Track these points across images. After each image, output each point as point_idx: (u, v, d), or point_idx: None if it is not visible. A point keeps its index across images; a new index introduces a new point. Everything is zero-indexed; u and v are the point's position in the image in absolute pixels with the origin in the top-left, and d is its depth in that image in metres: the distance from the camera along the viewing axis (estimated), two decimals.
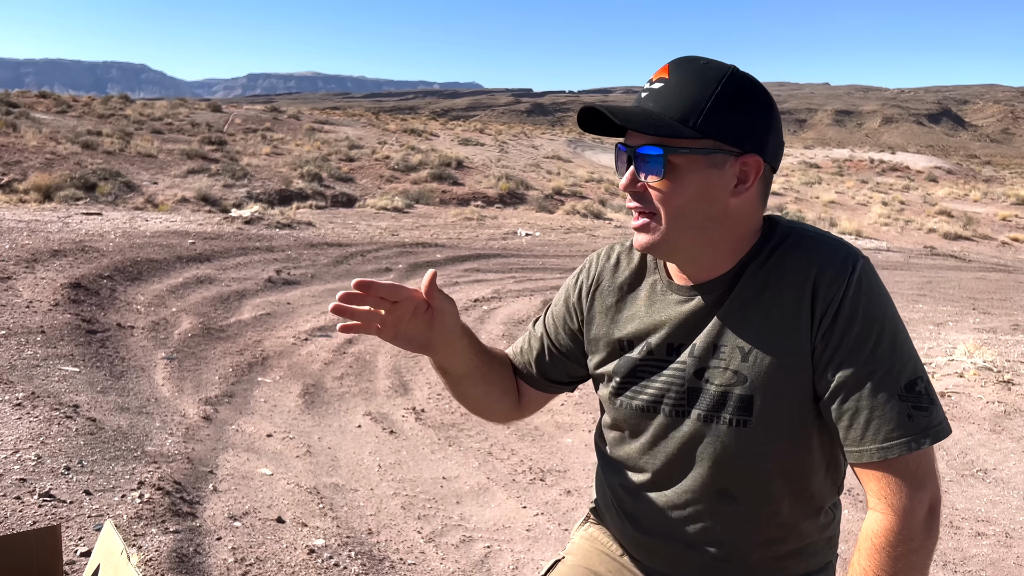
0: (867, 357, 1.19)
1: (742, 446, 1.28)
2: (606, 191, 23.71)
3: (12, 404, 4.20)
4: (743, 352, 1.26)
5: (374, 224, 13.51)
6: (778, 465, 1.29)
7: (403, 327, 1.31)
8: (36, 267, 7.27)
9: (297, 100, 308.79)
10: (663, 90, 1.22)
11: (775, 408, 1.25)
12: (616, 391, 1.40)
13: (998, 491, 4.41)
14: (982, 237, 21.21)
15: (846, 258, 1.23)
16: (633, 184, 1.25)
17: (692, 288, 1.32)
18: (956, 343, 7.33)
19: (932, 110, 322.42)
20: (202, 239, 9.78)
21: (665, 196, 1.23)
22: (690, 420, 1.31)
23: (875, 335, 1.19)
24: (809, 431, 1.28)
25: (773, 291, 1.26)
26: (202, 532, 3.27)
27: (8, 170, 16.36)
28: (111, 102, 34.13)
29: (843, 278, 1.21)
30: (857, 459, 1.20)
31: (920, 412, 1.17)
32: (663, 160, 1.21)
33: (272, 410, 4.97)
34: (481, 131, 46.14)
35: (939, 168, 47.51)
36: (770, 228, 1.32)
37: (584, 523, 1.63)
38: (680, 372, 1.32)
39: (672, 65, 1.24)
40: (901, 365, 1.19)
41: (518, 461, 4.49)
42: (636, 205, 1.26)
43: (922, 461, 1.18)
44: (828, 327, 1.21)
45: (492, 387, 1.52)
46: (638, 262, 1.43)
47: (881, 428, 1.17)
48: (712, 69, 1.22)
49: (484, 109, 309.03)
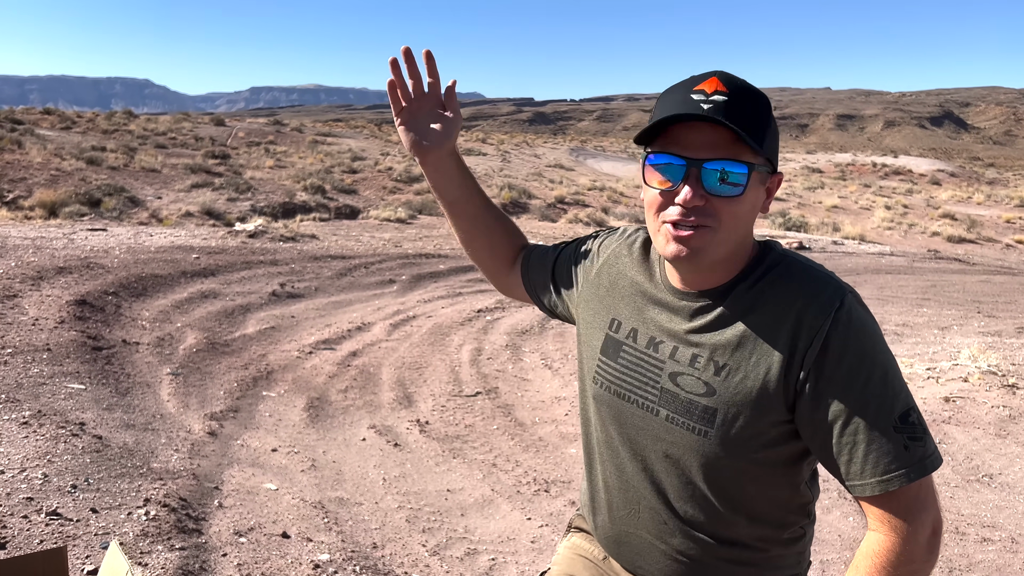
0: (859, 391, 1.20)
1: (700, 454, 1.31)
2: (608, 199, 23.75)
3: (19, 423, 4.22)
4: (716, 366, 1.29)
5: (377, 236, 13.54)
6: (734, 480, 1.33)
7: (418, 112, 1.55)
8: (42, 284, 7.31)
9: (300, 113, 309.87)
10: (730, 105, 1.18)
11: (735, 424, 1.27)
12: (598, 370, 1.45)
13: (1004, 496, 4.40)
14: (986, 240, 21.18)
15: (833, 293, 1.24)
16: (696, 199, 1.21)
17: (684, 292, 1.35)
18: (961, 347, 7.31)
19: (934, 113, 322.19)
20: (206, 253, 9.82)
21: (732, 212, 1.22)
22: (658, 418, 1.35)
23: (866, 369, 1.21)
24: (771, 456, 1.30)
25: (758, 315, 1.27)
26: (208, 549, 3.28)
27: (13, 187, 16.45)
28: (115, 117, 34.32)
29: (828, 313, 1.22)
30: (860, 492, 1.21)
31: (915, 443, 1.19)
32: (747, 176, 1.21)
33: (277, 424, 4.98)
34: (483, 141, 46.23)
35: (942, 171, 47.46)
36: (763, 251, 1.34)
37: (567, 534, 1.69)
38: (657, 371, 1.35)
39: (722, 80, 1.21)
40: (893, 397, 1.20)
41: (522, 472, 4.49)
42: (690, 220, 1.22)
43: (922, 488, 1.20)
44: (815, 362, 1.22)
45: (478, 232, 1.74)
46: (648, 251, 1.46)
47: (880, 461, 1.19)
48: (756, 90, 1.23)
49: (486, 119, 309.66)
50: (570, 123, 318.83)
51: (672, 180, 1.22)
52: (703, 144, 1.20)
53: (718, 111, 1.17)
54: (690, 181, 1.20)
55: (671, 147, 1.22)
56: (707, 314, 1.31)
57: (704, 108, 1.17)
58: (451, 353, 6.75)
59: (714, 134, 1.19)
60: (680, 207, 1.21)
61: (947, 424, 5.33)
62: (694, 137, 1.20)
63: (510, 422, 5.28)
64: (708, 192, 1.20)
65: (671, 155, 1.22)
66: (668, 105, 1.23)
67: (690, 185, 1.20)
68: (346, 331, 7.16)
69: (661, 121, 1.21)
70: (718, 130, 1.19)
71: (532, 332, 7.62)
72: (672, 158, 1.22)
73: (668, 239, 1.24)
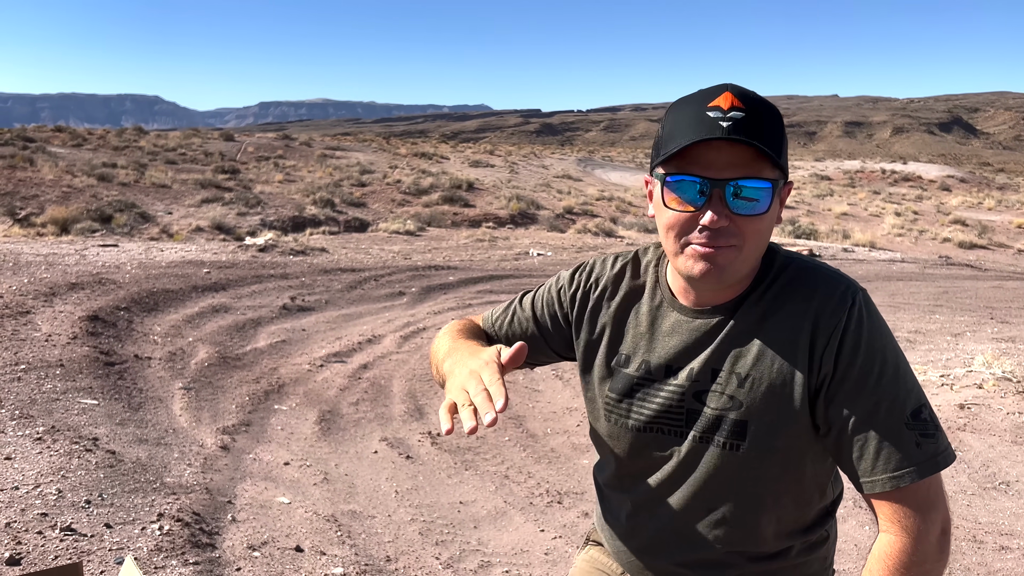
0: (872, 388, 1.20)
1: (734, 469, 1.29)
2: (617, 209, 23.76)
3: (33, 438, 4.24)
4: (740, 378, 1.27)
5: (387, 248, 13.58)
6: (769, 490, 1.32)
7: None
8: (54, 300, 7.36)
9: (308, 127, 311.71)
10: (749, 121, 1.16)
11: (768, 434, 1.27)
12: (610, 407, 1.40)
13: (1022, 504, 4.35)
14: (998, 245, 21.07)
15: (846, 290, 1.25)
16: (722, 220, 1.18)
17: (696, 311, 1.33)
18: (974, 353, 7.26)
19: (943, 119, 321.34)
20: (217, 268, 9.86)
21: (757, 229, 1.21)
22: (687, 441, 1.33)
23: (878, 366, 1.21)
24: (801, 458, 1.30)
25: (773, 320, 1.27)
26: (222, 563, 3.28)
27: (26, 204, 16.60)
28: (125, 134, 34.62)
29: (844, 310, 1.23)
30: (870, 489, 1.21)
31: (927, 439, 1.19)
32: (771, 193, 1.20)
33: (289, 438, 4.99)
34: (491, 152, 46.36)
35: (952, 177, 47.29)
36: (770, 257, 1.33)
37: (585, 546, 1.66)
38: (679, 393, 1.32)
39: (736, 94, 1.19)
40: (906, 394, 1.20)
41: (535, 484, 4.48)
42: (716, 241, 1.20)
43: (932, 486, 1.20)
44: (831, 360, 1.22)
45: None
46: (641, 276, 1.42)
47: (891, 458, 1.18)
48: (768, 102, 1.22)
49: (493, 131, 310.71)
50: (577, 133, 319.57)
51: (694, 202, 1.19)
52: (724, 163, 1.17)
53: (739, 129, 1.15)
54: (714, 202, 1.17)
55: (691, 168, 1.18)
56: (723, 329, 1.30)
57: (724, 126, 1.15)
58: None
59: (734, 152, 1.17)
60: (705, 228, 1.19)
61: (962, 431, 5.29)
62: (714, 156, 1.17)
63: (522, 433, 5.27)
64: (732, 212, 1.18)
65: (692, 176, 1.18)
66: (682, 124, 1.19)
67: (714, 206, 1.17)
68: (357, 344, 7.17)
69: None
70: (738, 148, 1.16)
71: None
72: (694, 179, 1.18)
73: (695, 259, 1.21)
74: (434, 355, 1.51)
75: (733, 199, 1.17)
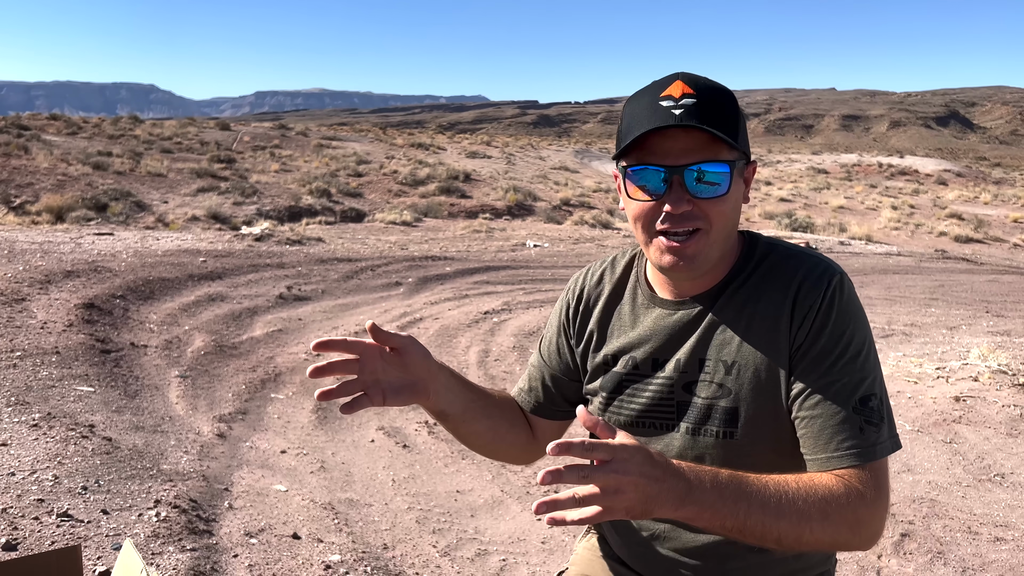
0: (827, 368, 1.22)
1: (729, 457, 1.29)
2: (613, 201, 23.73)
3: (29, 425, 4.23)
4: (726, 365, 1.29)
5: (383, 238, 13.56)
6: (764, 475, 1.31)
7: (382, 377, 1.28)
8: (50, 288, 7.33)
9: (304, 117, 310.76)
10: (700, 106, 1.19)
11: (759, 419, 1.28)
12: (603, 406, 1.42)
13: (1016, 495, 4.37)
14: (994, 239, 21.11)
15: (824, 271, 1.27)
16: (684, 204, 1.21)
17: (676, 302, 1.35)
18: (970, 347, 7.28)
19: (940, 113, 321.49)
20: (213, 257, 9.84)
21: (721, 211, 1.23)
22: (678, 434, 1.34)
23: (840, 347, 1.23)
24: (792, 439, 1.30)
25: (755, 305, 1.29)
26: (219, 550, 3.28)
27: (21, 192, 16.53)
28: (121, 123, 34.47)
29: (820, 289, 1.25)
30: (812, 468, 1.22)
31: (870, 427, 1.20)
32: (730, 176, 1.22)
33: (286, 426, 4.99)
34: (488, 144, 46.29)
35: (948, 171, 47.35)
36: (751, 244, 1.35)
37: (586, 534, 1.66)
38: (668, 386, 1.34)
39: (687, 82, 1.22)
40: (860, 380, 1.22)
41: (531, 473, 4.49)
42: (682, 226, 1.23)
43: (873, 472, 1.20)
44: (803, 336, 1.24)
45: (496, 421, 1.48)
46: (620, 276, 1.45)
47: (833, 438, 1.20)
48: (720, 85, 1.25)
49: (490, 122, 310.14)
50: (574, 125, 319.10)
51: (656, 190, 1.22)
52: (681, 150, 1.20)
53: (691, 115, 1.18)
54: (674, 188, 1.21)
55: (649, 157, 1.22)
56: (706, 317, 1.31)
57: (676, 114, 1.18)
58: (458, 355, 6.74)
59: (689, 138, 1.20)
60: (669, 215, 1.22)
61: (958, 424, 5.31)
62: (670, 145, 1.20)
63: None
64: (694, 196, 1.21)
65: (651, 166, 1.22)
66: (638, 115, 1.22)
67: (675, 192, 1.21)
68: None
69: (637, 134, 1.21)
70: (692, 133, 1.19)
71: (539, 334, 7.60)
72: (653, 168, 1.22)
73: (663, 250, 1.25)
74: None
75: (696, 184, 1.20)
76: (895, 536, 3.84)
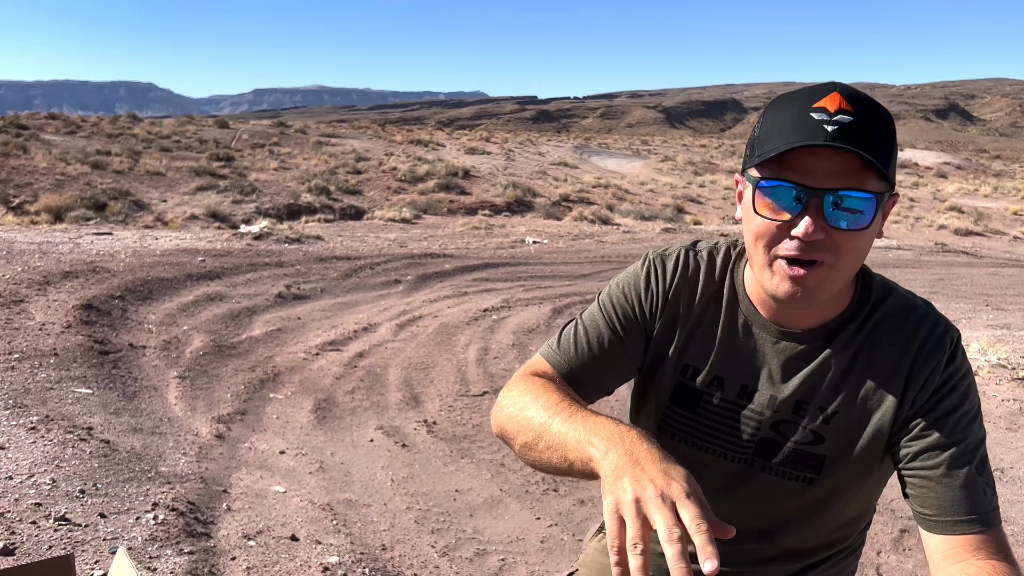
0: (951, 428, 1.16)
1: (802, 501, 1.26)
2: (613, 196, 23.71)
3: (27, 428, 4.23)
4: (826, 415, 1.22)
5: (382, 236, 13.55)
6: (830, 516, 1.31)
7: None
8: (48, 289, 7.33)
9: (303, 114, 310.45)
10: (857, 126, 1.05)
11: (845, 472, 1.23)
12: (666, 419, 1.31)
13: (1015, 490, 4.37)
14: (994, 232, 21.09)
15: (946, 331, 1.20)
16: (817, 232, 1.07)
17: (783, 331, 1.23)
18: (970, 340, 7.27)
19: (939, 106, 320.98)
20: (212, 256, 9.82)
21: (854, 245, 1.10)
22: (753, 470, 1.27)
23: (964, 408, 1.17)
24: (871, 491, 1.29)
25: (868, 357, 1.21)
26: (217, 552, 3.28)
27: (19, 192, 16.51)
28: (119, 121, 34.42)
29: (943, 350, 1.19)
30: (934, 528, 1.14)
31: (990, 489, 1.15)
32: (875, 207, 1.08)
33: (284, 426, 4.98)
34: (487, 140, 46.22)
35: (948, 164, 47.28)
36: (865, 282, 1.25)
37: (597, 533, 1.60)
38: (755, 420, 1.25)
39: (845, 95, 1.08)
40: (979, 440, 1.17)
41: (530, 472, 4.48)
42: (808, 254, 1.09)
43: (1002, 536, 1.14)
44: (924, 398, 1.18)
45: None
46: (717, 283, 1.29)
47: (962, 502, 1.13)
48: (880, 105, 1.11)
49: (489, 118, 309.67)
50: (574, 120, 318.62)
51: (789, 210, 1.08)
52: (825, 171, 1.06)
53: (844, 135, 1.03)
54: (810, 212, 1.06)
55: (787, 173, 1.07)
56: (814, 357, 1.22)
57: (828, 131, 1.03)
58: (458, 353, 6.74)
59: (838, 160, 1.05)
60: (798, 240, 1.08)
61: None
62: (814, 163, 1.06)
63: None
64: (828, 224, 1.07)
65: (789, 182, 1.07)
66: (783, 124, 1.08)
67: (811, 217, 1.06)
68: (352, 332, 7.15)
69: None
70: (842, 155, 1.05)
71: (539, 331, 7.60)
72: (790, 186, 1.07)
73: (782, 277, 1.11)
74: (526, 417, 1.20)
75: (832, 210, 1.06)
76: (894, 532, 3.84)
